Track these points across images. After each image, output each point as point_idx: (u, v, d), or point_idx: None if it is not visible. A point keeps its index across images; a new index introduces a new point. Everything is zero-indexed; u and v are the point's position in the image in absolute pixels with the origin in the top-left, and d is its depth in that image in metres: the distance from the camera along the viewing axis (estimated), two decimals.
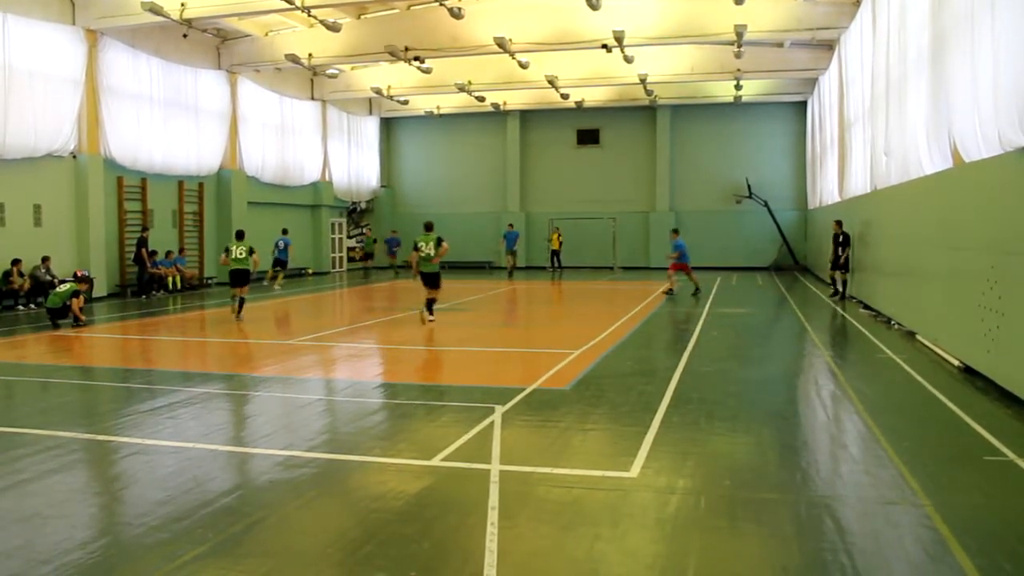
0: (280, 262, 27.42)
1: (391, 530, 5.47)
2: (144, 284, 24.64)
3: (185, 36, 25.47)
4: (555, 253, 36.52)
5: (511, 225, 35.21)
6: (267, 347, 14.59)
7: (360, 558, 5.05)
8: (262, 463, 7.17)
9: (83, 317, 17.37)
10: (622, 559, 5.02)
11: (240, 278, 18.17)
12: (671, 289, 23.64)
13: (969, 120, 10.97)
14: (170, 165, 27.03)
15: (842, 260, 21.32)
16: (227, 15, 24.49)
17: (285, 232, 28.41)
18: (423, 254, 16.51)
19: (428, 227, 17.07)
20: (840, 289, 21.90)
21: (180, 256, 27.04)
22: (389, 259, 36.46)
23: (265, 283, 23.75)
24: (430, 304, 16.69)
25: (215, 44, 29.12)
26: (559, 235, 36.50)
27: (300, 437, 8.08)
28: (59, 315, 17.16)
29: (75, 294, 17.42)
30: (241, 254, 18.20)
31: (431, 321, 16.52)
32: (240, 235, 19.11)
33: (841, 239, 21.10)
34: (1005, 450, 7.15)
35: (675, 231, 25.50)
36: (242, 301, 18.27)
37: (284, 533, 5.47)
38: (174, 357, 14.17)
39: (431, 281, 16.67)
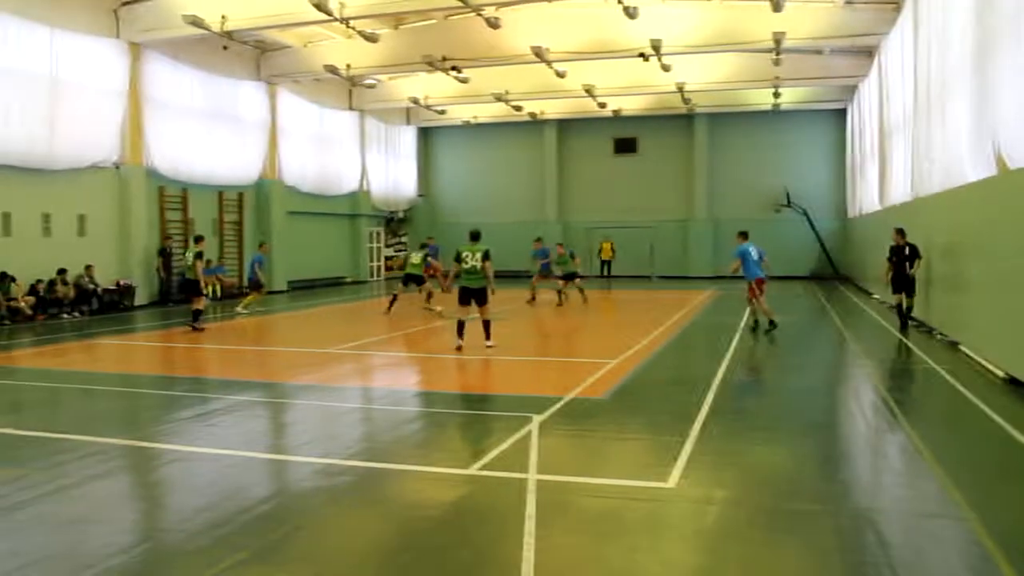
0: (253, 282, 22.86)
1: (429, 539, 5.48)
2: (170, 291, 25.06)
3: (225, 48, 25.79)
4: (605, 263, 36.89)
5: (539, 240, 27.28)
6: (305, 356, 14.68)
7: (398, 567, 5.06)
8: (300, 471, 7.22)
9: (206, 294, 18.20)
10: (660, 570, 5.00)
11: (416, 279, 21.31)
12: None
13: (1016, 125, 10.79)
14: (211, 175, 27.37)
15: (911, 275, 16.81)
16: (267, 27, 24.81)
17: (261, 246, 24.15)
18: (467, 266, 14.39)
19: (475, 236, 14.71)
20: (908, 314, 17.20)
21: (220, 265, 27.32)
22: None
23: (239, 308, 22.31)
24: (485, 326, 14.63)
25: (255, 56, 29.47)
26: (611, 245, 36.61)
27: (338, 445, 8.12)
28: (192, 288, 17.78)
29: (198, 256, 17.84)
30: (416, 260, 21.39)
31: (489, 347, 14.34)
32: (421, 245, 23.11)
33: (908, 251, 16.79)
34: None
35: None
36: (395, 297, 21.52)
37: (323, 541, 5.49)
38: (213, 365, 14.34)
39: (477, 297, 14.45)
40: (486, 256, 14.33)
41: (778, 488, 6.63)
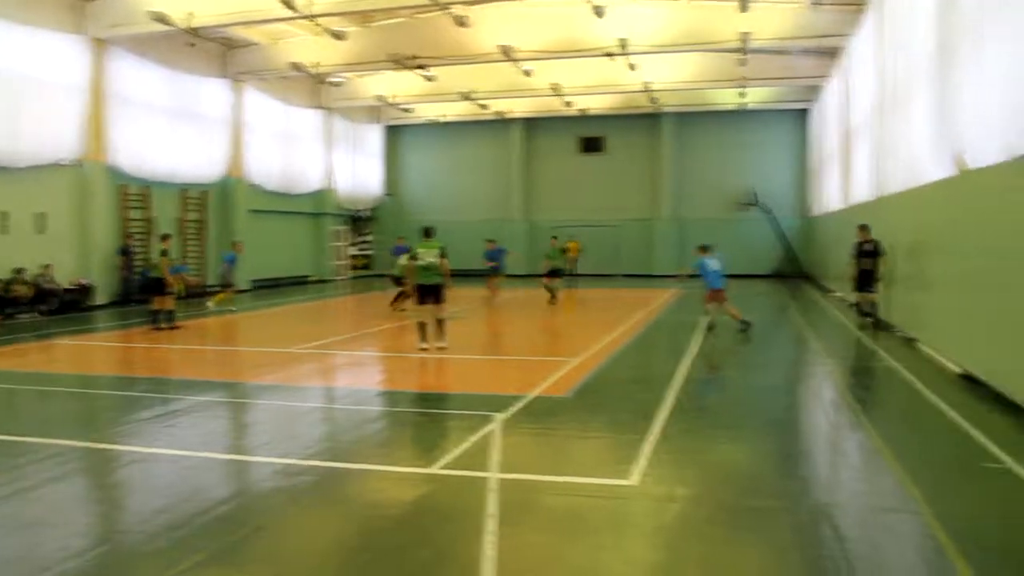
0: (225, 281, 23.15)
1: (390, 538, 5.47)
2: (132, 291, 24.59)
3: (192, 45, 25.50)
4: (571, 261, 37.07)
5: (492, 242, 26.46)
6: (268, 355, 14.57)
7: (359, 566, 5.05)
8: (261, 471, 7.17)
9: (173, 289, 17.82)
10: (622, 568, 5.02)
11: (400, 282, 20.38)
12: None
13: (975, 127, 10.95)
14: (174, 173, 27.08)
15: (878, 275, 16.56)
16: (233, 24, 24.59)
17: (234, 245, 24.39)
18: (424, 263, 14.04)
19: (428, 233, 14.47)
20: (871, 313, 17.13)
21: (183, 264, 26.99)
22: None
23: (209, 304, 22.13)
24: (439, 325, 14.10)
25: (221, 53, 29.20)
26: (578, 245, 36.81)
27: (299, 445, 8.07)
28: (157, 287, 17.54)
29: (164, 254, 17.74)
30: (404, 261, 18.47)
31: (441, 348, 13.94)
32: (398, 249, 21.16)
33: (874, 248, 16.62)
34: (1004, 457, 7.12)
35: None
36: (401, 295, 20.47)
37: (282, 541, 5.46)
38: (174, 365, 14.17)
39: (435, 294, 14.04)
40: (442, 253, 14.06)
41: (739, 485, 6.69)
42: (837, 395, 10.72)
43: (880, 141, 18.36)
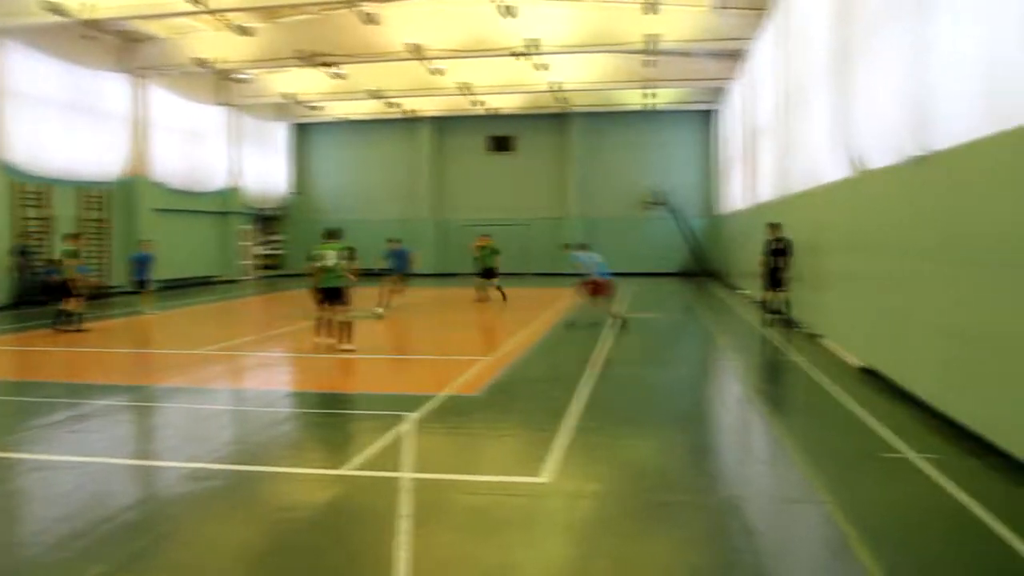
0: (141, 282, 21.99)
1: (300, 540, 5.40)
2: (29, 292, 23.65)
3: (89, 37, 24.70)
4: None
5: (396, 241, 23.59)
6: (174, 357, 14.24)
7: (269, 570, 4.98)
8: (167, 476, 7.01)
9: (81, 290, 17.28)
10: (534, 565, 5.05)
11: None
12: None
13: (870, 129, 11.36)
14: (73, 171, 26.17)
15: (783, 274, 16.69)
16: (133, 16, 23.88)
17: (143, 243, 23.40)
18: (326, 264, 13.89)
19: (333, 235, 14.28)
20: (780, 310, 17.33)
21: (83, 265, 26.12)
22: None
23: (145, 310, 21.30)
24: (342, 328, 13.94)
25: (121, 46, 28.32)
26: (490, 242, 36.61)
27: (206, 448, 7.91)
28: (62, 289, 17.05)
29: (72, 254, 17.38)
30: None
31: (349, 350, 13.70)
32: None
33: (783, 247, 16.64)
34: (902, 447, 7.41)
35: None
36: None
37: (190, 547, 5.35)
38: (76, 368, 13.72)
39: (337, 297, 13.95)
40: (345, 255, 14.01)
41: (649, 480, 6.81)
42: (743, 390, 11.00)
43: (783, 142, 18.89)
